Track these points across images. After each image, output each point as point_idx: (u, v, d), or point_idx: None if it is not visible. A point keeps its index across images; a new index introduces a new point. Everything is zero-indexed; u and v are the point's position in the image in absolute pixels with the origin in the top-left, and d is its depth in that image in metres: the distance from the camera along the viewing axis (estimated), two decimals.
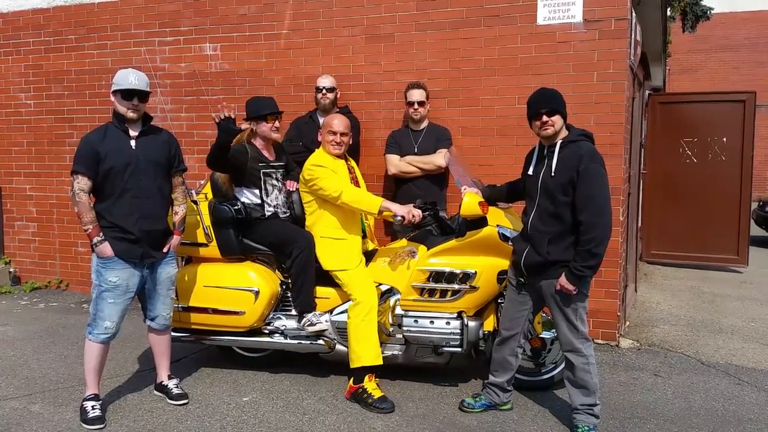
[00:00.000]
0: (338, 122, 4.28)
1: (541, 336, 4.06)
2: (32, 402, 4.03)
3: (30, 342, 5.26)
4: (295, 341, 4.27)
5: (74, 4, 6.78)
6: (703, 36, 18.41)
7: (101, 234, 3.65)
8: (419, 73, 5.49)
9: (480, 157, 5.37)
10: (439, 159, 4.90)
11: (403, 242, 4.31)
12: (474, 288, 3.98)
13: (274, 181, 4.41)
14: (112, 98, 3.74)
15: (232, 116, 3.95)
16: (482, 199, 3.85)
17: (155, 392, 4.14)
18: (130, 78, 3.69)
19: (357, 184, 4.40)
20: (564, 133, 3.42)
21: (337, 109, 5.36)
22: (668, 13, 11.60)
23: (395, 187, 5.20)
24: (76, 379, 4.36)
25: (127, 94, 3.68)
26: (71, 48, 6.84)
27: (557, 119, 3.37)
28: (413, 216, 3.99)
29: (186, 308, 4.26)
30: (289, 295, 4.31)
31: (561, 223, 3.35)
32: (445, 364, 4.19)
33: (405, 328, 4.11)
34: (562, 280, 3.32)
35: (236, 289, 4.17)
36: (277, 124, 4.37)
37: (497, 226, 3.93)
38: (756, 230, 10.49)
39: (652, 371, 4.61)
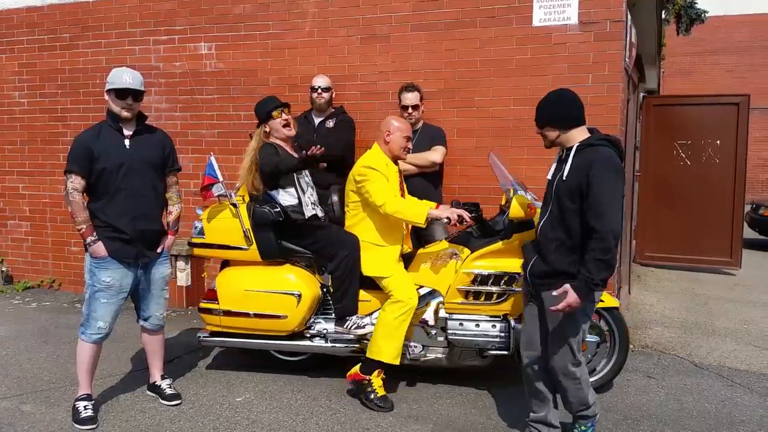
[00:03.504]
0: (409, 128, 4.24)
1: (587, 339, 3.96)
2: (24, 402, 4.01)
3: (22, 341, 5.23)
4: (337, 345, 4.21)
5: (69, 3, 6.75)
6: (698, 39, 18.46)
7: (95, 234, 3.64)
8: (414, 73, 5.49)
9: (475, 158, 5.37)
10: (433, 155, 4.89)
11: (444, 244, 4.25)
12: (519, 291, 3.90)
13: (306, 178, 4.35)
14: (106, 97, 3.72)
15: (317, 154, 3.99)
16: (530, 202, 3.77)
17: (148, 392, 4.13)
18: (124, 77, 3.67)
19: (402, 187, 4.31)
20: (582, 136, 3.19)
21: (333, 110, 5.36)
22: (663, 15, 11.64)
23: None
24: (68, 379, 4.34)
25: (121, 93, 3.66)
26: (65, 46, 6.81)
27: (548, 131, 3.24)
28: (458, 216, 3.93)
29: (227, 312, 4.21)
30: (329, 298, 4.25)
31: (567, 232, 3.14)
32: (487, 366, 4.15)
33: (450, 331, 4.07)
34: (566, 286, 3.01)
35: (278, 293, 4.11)
36: (284, 116, 4.25)
37: None
38: (749, 233, 10.53)
39: (645, 373, 4.62)
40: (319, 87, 5.24)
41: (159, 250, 3.88)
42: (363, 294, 4.19)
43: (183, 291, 6.28)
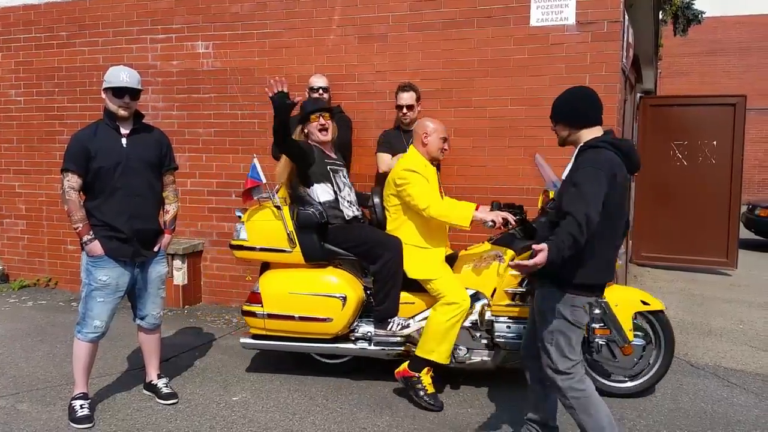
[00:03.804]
0: (445, 128, 4.23)
1: (634, 343, 3.93)
2: (20, 401, 4.00)
3: (18, 340, 5.22)
4: (381, 347, 4.17)
5: (65, 0, 6.73)
6: (695, 39, 18.52)
7: (91, 232, 3.63)
8: (412, 73, 5.49)
9: (472, 157, 5.38)
10: None
11: (487, 246, 4.21)
12: None
13: (343, 178, 4.34)
14: (103, 95, 3.72)
15: (285, 90, 3.79)
16: None
17: (144, 391, 4.13)
18: (121, 75, 3.67)
19: (440, 188, 4.29)
20: (592, 137, 3.06)
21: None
22: (660, 16, 11.66)
23: None
24: (64, 377, 4.34)
25: (118, 92, 3.66)
26: (62, 45, 6.80)
27: (559, 129, 3.15)
28: (502, 219, 3.90)
29: (271, 315, 4.16)
30: (371, 300, 4.20)
31: (552, 232, 3.02)
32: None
33: (497, 334, 4.02)
34: (543, 245, 2.75)
35: (323, 296, 4.07)
36: (322, 121, 4.24)
37: None
38: (745, 233, 10.55)
39: None
40: (320, 87, 5.24)
41: (156, 249, 3.87)
42: (406, 296, 4.15)
43: (180, 290, 6.27)
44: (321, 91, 5.23)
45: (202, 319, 5.90)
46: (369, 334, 4.19)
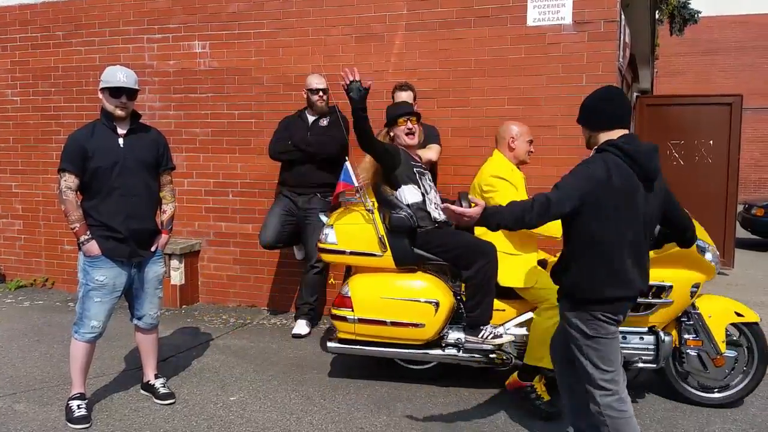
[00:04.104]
0: (529, 129, 4.13)
1: (726, 354, 3.91)
2: (17, 401, 4.00)
3: (15, 341, 5.21)
4: (470, 355, 4.03)
5: (62, 0, 6.72)
6: (691, 39, 18.57)
7: (88, 232, 3.63)
8: (409, 73, 5.50)
9: (469, 157, 5.37)
10: (428, 153, 4.88)
11: None
12: (668, 302, 3.83)
13: (429, 181, 4.28)
14: (100, 95, 3.71)
15: (358, 78, 3.77)
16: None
17: (142, 391, 4.12)
18: (118, 75, 3.66)
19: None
20: (609, 138, 2.94)
21: (326, 108, 5.36)
22: (656, 16, 11.68)
23: None
24: (61, 378, 4.33)
25: (115, 92, 3.66)
26: (58, 44, 6.78)
27: (583, 130, 3.08)
28: None
29: (362, 320, 4.05)
30: (460, 306, 4.11)
31: (566, 244, 3.02)
32: (632, 379, 3.94)
33: None
34: (482, 203, 2.84)
35: (416, 301, 3.97)
36: (410, 125, 4.19)
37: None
38: (741, 232, 10.58)
39: (637, 371, 4.62)
40: (320, 90, 5.23)
41: (153, 249, 3.87)
42: (497, 303, 4.03)
43: (177, 290, 6.27)
44: (321, 93, 5.23)
45: (199, 319, 5.90)
46: (459, 341, 4.05)
